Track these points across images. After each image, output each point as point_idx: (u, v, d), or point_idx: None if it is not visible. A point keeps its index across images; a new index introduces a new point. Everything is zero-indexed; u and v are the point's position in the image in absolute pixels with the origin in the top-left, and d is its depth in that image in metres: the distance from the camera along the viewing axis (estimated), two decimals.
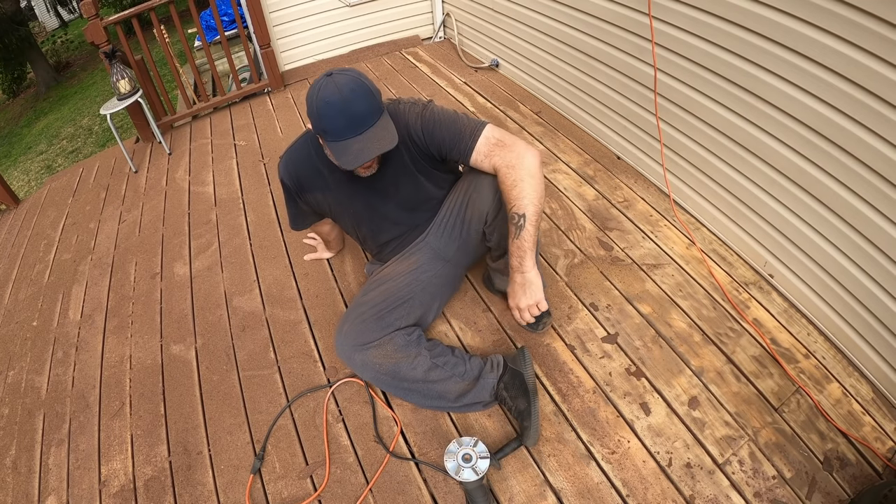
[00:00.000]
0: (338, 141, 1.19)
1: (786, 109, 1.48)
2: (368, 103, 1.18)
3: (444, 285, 1.59)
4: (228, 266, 2.13)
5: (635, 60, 1.99)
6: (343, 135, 1.18)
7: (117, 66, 2.74)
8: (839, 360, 1.54)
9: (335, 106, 1.15)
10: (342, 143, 1.18)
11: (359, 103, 1.16)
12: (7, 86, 9.67)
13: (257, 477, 1.42)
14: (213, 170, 2.77)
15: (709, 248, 1.88)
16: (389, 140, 1.21)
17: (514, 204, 1.26)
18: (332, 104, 1.15)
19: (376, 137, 1.19)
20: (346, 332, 1.43)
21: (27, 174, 6.50)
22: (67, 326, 2.06)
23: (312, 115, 1.19)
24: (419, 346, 1.42)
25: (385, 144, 1.20)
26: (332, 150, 1.21)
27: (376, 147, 1.19)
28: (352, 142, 1.18)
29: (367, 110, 1.18)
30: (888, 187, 1.27)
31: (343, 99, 1.15)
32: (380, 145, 1.19)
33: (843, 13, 1.24)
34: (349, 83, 1.16)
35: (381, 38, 3.69)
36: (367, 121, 1.18)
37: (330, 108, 1.16)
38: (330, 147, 1.21)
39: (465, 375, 1.41)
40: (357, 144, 1.18)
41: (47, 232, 2.67)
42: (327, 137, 1.20)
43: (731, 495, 1.26)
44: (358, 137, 1.18)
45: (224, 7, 5.23)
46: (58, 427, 1.69)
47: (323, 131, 1.20)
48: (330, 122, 1.17)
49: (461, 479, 1.20)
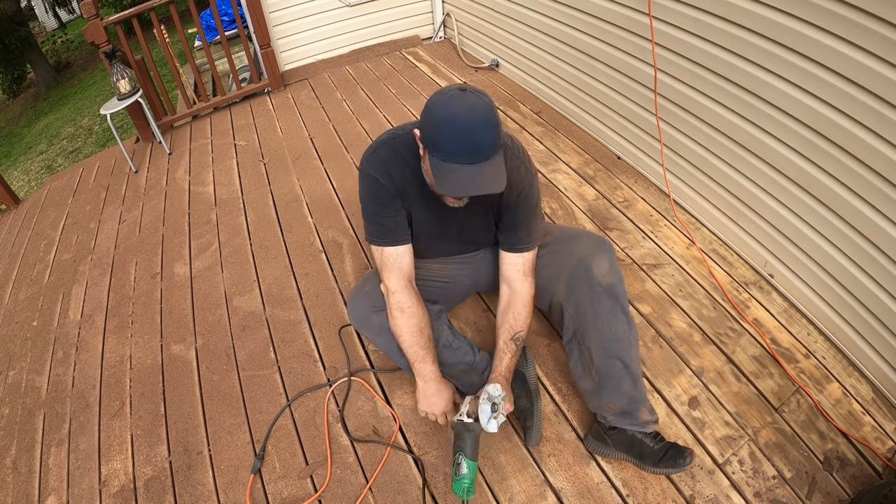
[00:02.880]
0: (445, 161, 1.06)
1: (786, 109, 1.48)
2: (492, 136, 1.06)
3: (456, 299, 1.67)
4: (228, 266, 2.13)
5: (635, 60, 1.99)
6: (455, 158, 1.06)
7: (117, 66, 2.74)
8: (839, 360, 1.54)
9: (460, 126, 1.04)
10: (450, 165, 1.06)
11: (484, 133, 1.05)
12: (7, 86, 9.67)
13: (257, 477, 1.42)
14: (213, 170, 2.77)
15: (709, 247, 1.88)
16: (498, 183, 1.08)
17: (522, 329, 1.34)
18: (458, 123, 1.04)
19: (486, 176, 1.07)
20: (368, 291, 1.40)
21: (27, 174, 6.49)
22: (67, 326, 2.06)
23: (430, 125, 1.08)
24: (440, 320, 1.42)
25: (494, 186, 1.07)
26: (435, 168, 1.08)
27: (484, 186, 1.07)
28: (461, 169, 1.06)
29: (489, 143, 1.06)
30: (888, 187, 1.27)
31: (470, 122, 1.04)
32: (487, 185, 1.07)
33: (843, 13, 1.24)
34: (482, 108, 1.05)
35: (381, 38, 3.69)
36: (485, 154, 1.06)
37: (454, 125, 1.04)
38: (433, 164, 1.09)
39: (473, 366, 1.42)
40: (465, 175, 1.06)
41: (47, 232, 2.67)
42: (436, 153, 1.07)
43: (731, 495, 1.26)
44: (469, 167, 1.05)
45: (224, 7, 5.22)
46: (58, 427, 1.69)
47: (434, 146, 1.07)
48: (448, 140, 1.05)
49: (488, 429, 1.18)
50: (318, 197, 2.39)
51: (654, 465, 1.24)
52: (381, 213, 1.29)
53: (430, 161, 1.10)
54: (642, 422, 1.27)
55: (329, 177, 2.51)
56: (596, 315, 1.26)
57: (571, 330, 1.32)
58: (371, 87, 3.23)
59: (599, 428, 1.33)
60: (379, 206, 1.29)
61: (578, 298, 1.29)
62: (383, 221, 1.30)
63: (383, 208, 1.29)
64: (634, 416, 1.27)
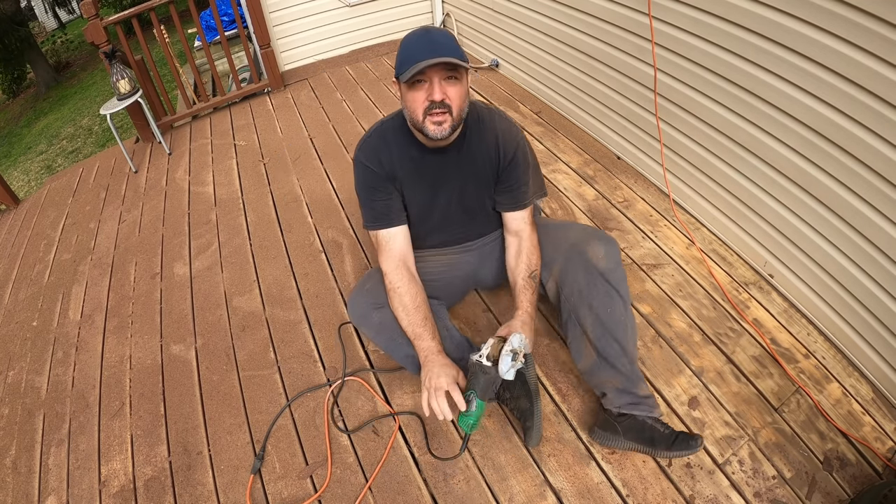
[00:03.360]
0: (410, 66, 1.13)
1: (786, 109, 1.47)
2: (451, 43, 1.16)
3: (456, 296, 1.66)
4: (228, 266, 2.13)
5: (635, 60, 1.99)
6: (415, 58, 1.13)
7: (117, 66, 2.74)
8: (839, 360, 1.54)
9: (418, 37, 1.17)
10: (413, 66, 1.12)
11: (442, 38, 1.16)
12: (7, 86, 9.66)
13: (257, 477, 1.42)
14: (213, 170, 2.77)
15: (709, 248, 1.88)
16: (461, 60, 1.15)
17: (536, 268, 1.39)
18: (416, 36, 1.17)
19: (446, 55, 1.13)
20: (369, 289, 1.41)
21: (27, 174, 6.49)
22: (67, 326, 2.06)
23: (397, 55, 1.19)
24: (440, 316, 1.43)
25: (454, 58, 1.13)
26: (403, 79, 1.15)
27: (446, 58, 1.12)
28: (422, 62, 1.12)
29: (448, 46, 1.15)
30: (888, 187, 1.27)
31: (427, 33, 1.17)
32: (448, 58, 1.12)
33: (843, 13, 1.24)
34: (439, 28, 1.20)
35: (381, 38, 3.69)
36: (442, 50, 1.13)
37: (411, 38, 1.18)
38: (402, 79, 1.16)
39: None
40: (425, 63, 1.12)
41: (47, 232, 2.67)
42: (401, 68, 1.16)
43: (731, 495, 1.26)
44: (429, 59, 1.12)
45: (224, 7, 5.23)
46: (58, 427, 1.69)
47: (400, 63, 1.17)
48: (407, 48, 1.16)
49: (505, 376, 1.17)
50: (317, 197, 2.39)
51: (666, 449, 1.25)
52: (373, 197, 1.36)
53: (400, 79, 1.18)
54: (643, 396, 1.29)
55: (329, 177, 2.51)
56: (591, 296, 1.28)
57: (567, 310, 1.34)
58: (371, 87, 3.23)
59: (608, 416, 1.33)
60: (370, 192, 1.36)
61: (574, 280, 1.32)
62: (375, 206, 1.37)
63: (374, 192, 1.36)
64: (635, 393, 1.29)
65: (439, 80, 1.16)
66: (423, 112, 1.19)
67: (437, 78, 1.15)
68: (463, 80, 1.20)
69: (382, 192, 1.36)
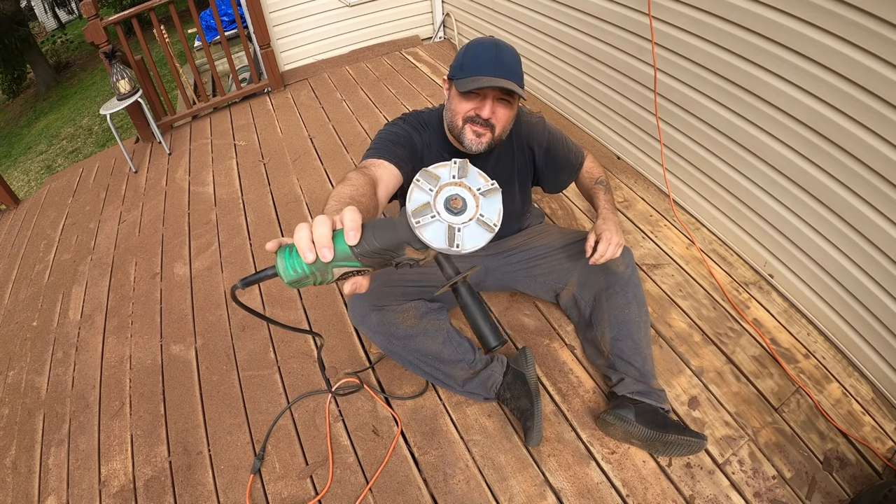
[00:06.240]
0: (469, 76, 1.14)
1: (786, 109, 1.48)
2: (514, 61, 1.16)
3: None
4: (228, 266, 2.12)
5: (635, 60, 1.99)
6: (479, 70, 1.13)
7: (117, 66, 2.74)
8: (839, 360, 1.54)
9: (486, 48, 1.15)
10: (473, 77, 1.13)
11: (509, 55, 1.16)
12: (7, 86, 9.65)
13: (257, 477, 1.42)
14: (213, 170, 2.77)
15: (709, 248, 1.88)
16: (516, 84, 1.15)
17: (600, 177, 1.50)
18: (485, 47, 1.15)
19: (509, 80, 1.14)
20: (371, 289, 1.40)
21: (27, 174, 6.49)
22: (67, 326, 2.06)
23: (459, 56, 1.17)
24: (442, 316, 1.43)
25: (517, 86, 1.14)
26: (459, 85, 1.15)
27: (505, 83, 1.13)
28: (484, 78, 1.13)
29: (512, 66, 1.15)
30: (888, 187, 1.27)
31: (497, 47, 1.15)
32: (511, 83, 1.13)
33: (843, 13, 1.24)
34: (508, 45, 1.17)
35: (381, 38, 3.69)
36: (507, 71, 1.14)
37: (480, 48, 1.15)
38: (457, 83, 1.16)
39: (473, 364, 1.42)
40: (486, 80, 1.12)
41: (47, 232, 2.67)
42: (460, 73, 1.15)
43: (731, 495, 1.26)
44: (492, 78, 1.12)
45: (224, 7, 5.23)
46: (58, 427, 1.69)
47: (460, 67, 1.16)
48: (473, 58, 1.15)
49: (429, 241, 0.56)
50: (318, 197, 2.38)
51: (678, 434, 1.25)
52: (388, 145, 1.21)
53: (454, 84, 1.17)
54: (656, 389, 1.35)
55: (329, 177, 2.51)
56: (610, 298, 1.39)
57: (587, 312, 1.47)
58: (371, 88, 3.23)
59: (622, 399, 1.34)
60: (389, 142, 1.22)
61: (594, 283, 1.43)
62: (385, 146, 1.20)
63: (393, 145, 1.22)
64: (648, 385, 1.35)
65: (493, 99, 1.18)
66: (464, 119, 1.20)
67: (492, 96, 1.17)
68: (514, 104, 1.23)
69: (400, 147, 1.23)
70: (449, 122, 1.25)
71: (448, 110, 1.25)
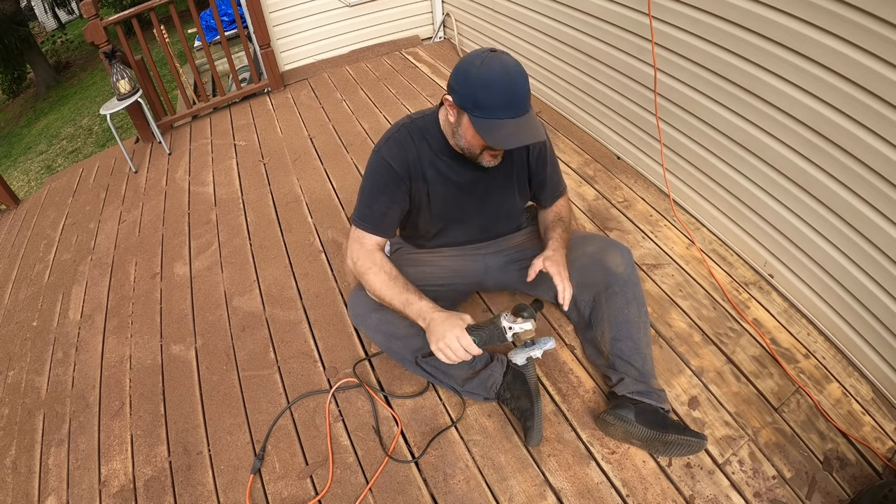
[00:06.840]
0: (489, 118, 1.11)
1: (786, 109, 1.48)
2: (527, 90, 1.14)
3: (459, 300, 1.67)
4: (228, 266, 2.13)
5: (635, 60, 1.99)
6: (498, 113, 1.11)
7: (117, 66, 2.74)
8: (839, 360, 1.54)
9: (500, 82, 1.09)
10: (493, 121, 1.11)
11: (522, 88, 1.12)
12: (7, 86, 9.66)
13: (257, 477, 1.42)
14: (213, 170, 2.77)
15: (709, 248, 1.88)
16: (539, 133, 1.15)
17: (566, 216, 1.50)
18: (497, 80, 1.09)
19: (530, 126, 1.14)
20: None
21: (27, 174, 6.49)
22: (67, 326, 2.06)
23: (470, 86, 1.11)
24: None
25: (538, 135, 1.14)
26: (478, 126, 1.12)
27: (529, 136, 1.13)
28: (505, 123, 1.11)
29: (526, 96, 1.13)
30: (888, 187, 1.27)
31: (509, 78, 1.09)
32: (532, 136, 1.13)
33: (843, 13, 1.24)
34: (515, 65, 1.11)
35: (381, 38, 3.69)
36: (525, 107, 1.13)
37: (496, 83, 1.09)
38: (476, 123, 1.12)
39: (473, 364, 1.42)
40: (511, 127, 1.11)
41: (47, 232, 2.67)
42: (477, 112, 1.12)
43: (730, 495, 1.26)
44: (513, 120, 1.11)
45: (224, 7, 5.23)
46: (58, 427, 1.69)
47: (476, 104, 1.11)
48: (490, 96, 1.10)
49: (514, 357, 1.31)
50: (317, 197, 2.39)
51: (678, 433, 1.25)
52: (377, 198, 1.32)
53: (470, 121, 1.13)
54: (656, 389, 1.34)
55: (329, 177, 2.51)
56: (610, 298, 1.38)
57: (587, 312, 1.46)
58: (371, 88, 3.23)
59: (622, 399, 1.34)
60: (377, 191, 1.32)
61: (594, 283, 1.41)
62: (373, 207, 1.32)
63: (380, 194, 1.31)
64: (648, 384, 1.34)
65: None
66: (481, 149, 1.21)
67: None
68: None
69: (387, 197, 1.31)
70: (461, 145, 1.23)
71: (460, 136, 1.21)
